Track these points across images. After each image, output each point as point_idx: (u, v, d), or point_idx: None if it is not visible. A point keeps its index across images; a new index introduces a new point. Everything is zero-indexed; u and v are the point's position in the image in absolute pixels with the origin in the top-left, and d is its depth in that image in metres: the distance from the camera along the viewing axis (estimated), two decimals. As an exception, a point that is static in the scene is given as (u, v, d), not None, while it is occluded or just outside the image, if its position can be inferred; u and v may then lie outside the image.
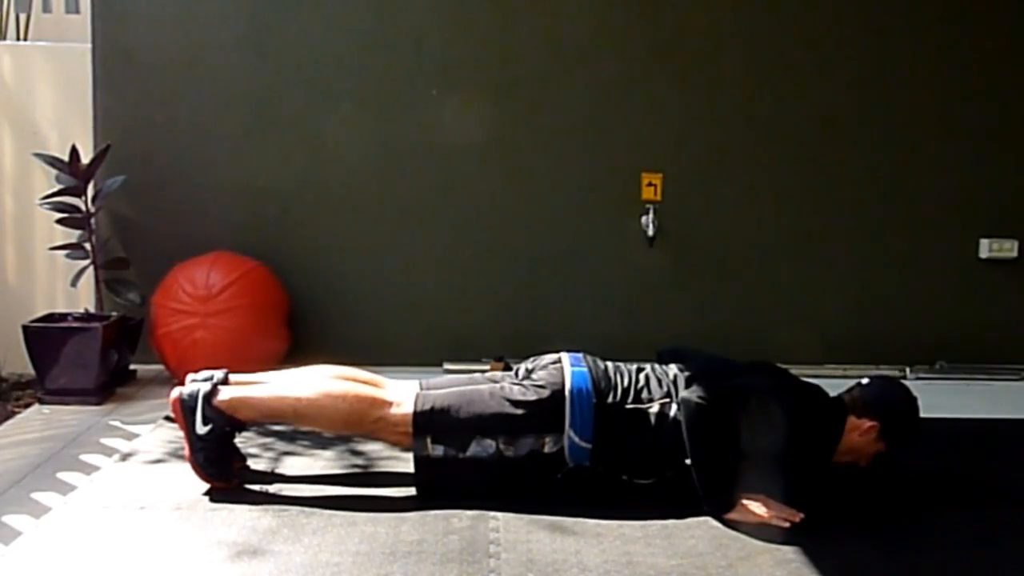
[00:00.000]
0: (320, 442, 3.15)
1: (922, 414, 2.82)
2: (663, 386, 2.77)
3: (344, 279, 4.20)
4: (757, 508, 2.59)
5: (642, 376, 2.80)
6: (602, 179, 4.22)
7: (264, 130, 4.13)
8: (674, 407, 2.70)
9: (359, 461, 3.01)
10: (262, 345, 3.79)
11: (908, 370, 4.25)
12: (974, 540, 2.56)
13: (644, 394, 2.75)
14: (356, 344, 3.96)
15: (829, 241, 4.28)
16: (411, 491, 2.74)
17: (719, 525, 2.56)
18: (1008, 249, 4.30)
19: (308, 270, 4.15)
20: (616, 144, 4.21)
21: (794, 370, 2.88)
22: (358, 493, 2.74)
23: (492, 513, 2.59)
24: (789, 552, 2.41)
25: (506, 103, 4.17)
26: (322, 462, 2.99)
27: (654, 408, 2.72)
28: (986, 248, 4.29)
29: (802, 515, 2.57)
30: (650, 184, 4.20)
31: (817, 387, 2.81)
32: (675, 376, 2.78)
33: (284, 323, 3.95)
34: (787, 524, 2.55)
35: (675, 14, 4.17)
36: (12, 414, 3.60)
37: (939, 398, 3.90)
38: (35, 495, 2.74)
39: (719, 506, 2.61)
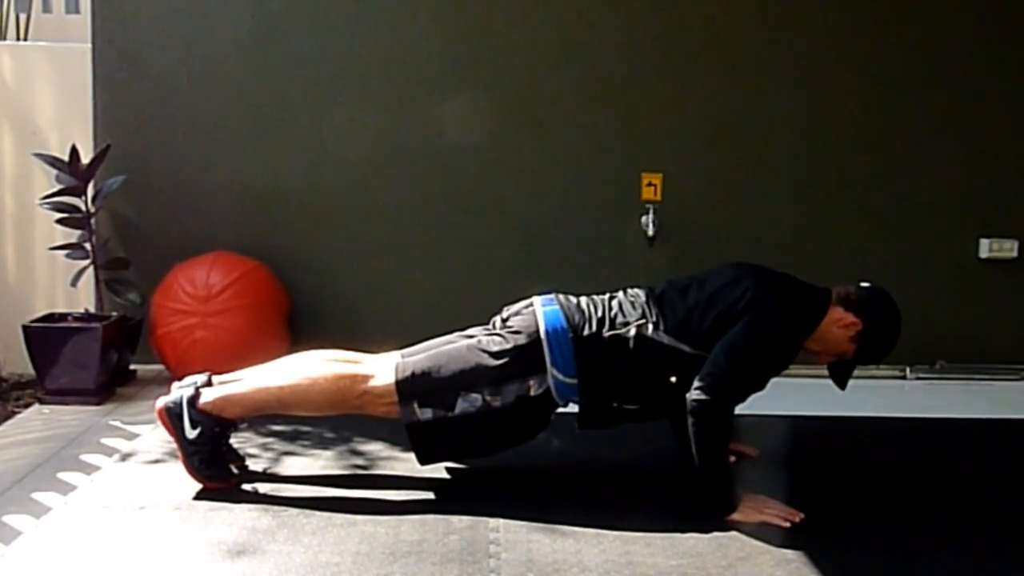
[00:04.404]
0: (320, 442, 3.15)
1: (921, 415, 2.82)
2: (636, 307, 2.79)
3: (344, 279, 4.20)
4: (758, 508, 2.59)
5: (615, 303, 2.83)
6: (602, 179, 4.22)
7: (264, 130, 4.13)
8: (650, 327, 2.73)
9: (359, 461, 3.01)
10: (262, 345, 3.77)
11: (908, 370, 4.24)
12: (974, 540, 2.56)
13: (619, 319, 2.77)
14: (356, 344, 3.93)
15: (829, 240, 4.27)
16: (411, 491, 2.75)
17: (719, 525, 2.56)
18: (1008, 249, 4.29)
19: (308, 270, 4.15)
20: (616, 144, 4.21)
21: (794, 370, 2.86)
22: (358, 493, 2.74)
23: (492, 514, 2.58)
24: (789, 552, 2.41)
25: (507, 103, 4.17)
26: (322, 462, 2.99)
27: (631, 332, 2.74)
28: (986, 248, 4.29)
29: (802, 515, 2.58)
30: (650, 184, 4.20)
31: (795, 286, 2.82)
32: (647, 296, 2.81)
33: (284, 323, 3.95)
34: (787, 524, 2.55)
35: (675, 13, 4.16)
36: (12, 414, 3.60)
37: (939, 398, 3.91)
38: (35, 495, 2.74)
39: (720, 507, 2.61)
